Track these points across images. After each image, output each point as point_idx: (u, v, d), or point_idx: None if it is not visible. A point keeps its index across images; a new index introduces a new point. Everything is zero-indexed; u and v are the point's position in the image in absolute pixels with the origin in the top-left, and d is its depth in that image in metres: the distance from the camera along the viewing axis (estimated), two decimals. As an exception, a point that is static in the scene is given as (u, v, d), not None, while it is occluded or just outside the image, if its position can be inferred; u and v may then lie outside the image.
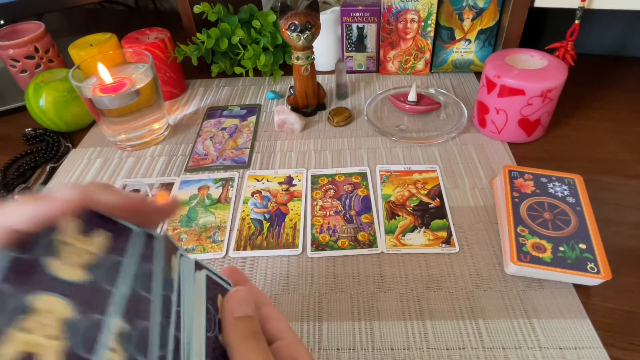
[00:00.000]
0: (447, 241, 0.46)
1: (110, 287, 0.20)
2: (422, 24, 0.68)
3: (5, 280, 0.16)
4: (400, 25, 0.69)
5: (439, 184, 0.53)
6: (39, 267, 0.18)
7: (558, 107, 0.57)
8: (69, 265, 0.19)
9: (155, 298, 0.21)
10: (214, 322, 0.23)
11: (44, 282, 0.18)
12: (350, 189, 0.53)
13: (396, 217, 0.49)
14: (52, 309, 0.17)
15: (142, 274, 0.21)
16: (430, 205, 0.50)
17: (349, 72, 0.76)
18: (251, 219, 0.50)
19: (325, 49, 0.74)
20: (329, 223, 0.49)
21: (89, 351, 0.17)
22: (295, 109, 0.66)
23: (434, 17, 0.67)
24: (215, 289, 0.24)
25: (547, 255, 0.40)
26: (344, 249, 0.46)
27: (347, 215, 0.50)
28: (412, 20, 0.68)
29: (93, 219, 0.21)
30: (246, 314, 0.23)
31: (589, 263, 0.39)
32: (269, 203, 0.52)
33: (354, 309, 0.40)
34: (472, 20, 0.67)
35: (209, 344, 0.21)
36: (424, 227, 0.47)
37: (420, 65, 0.73)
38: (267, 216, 0.50)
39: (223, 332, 0.22)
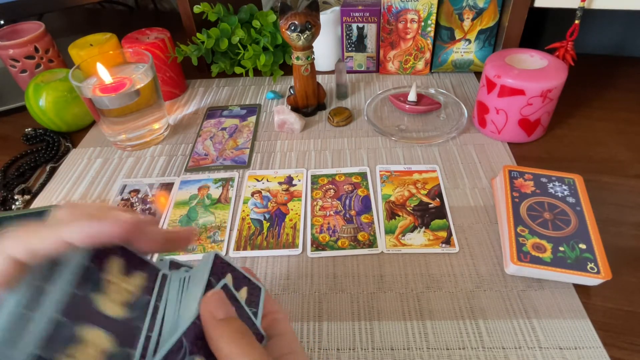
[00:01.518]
0: (447, 241, 0.46)
1: (140, 324, 0.22)
2: (422, 24, 0.68)
3: (63, 312, 0.19)
4: (400, 25, 0.69)
5: (439, 184, 0.53)
6: (89, 302, 0.20)
7: (558, 107, 0.57)
8: (111, 302, 0.21)
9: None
10: None
11: (92, 317, 0.20)
12: (350, 189, 0.53)
13: (396, 217, 0.49)
14: (95, 341, 0.20)
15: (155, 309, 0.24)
16: (430, 205, 0.50)
17: (349, 72, 0.76)
18: (251, 219, 0.50)
19: (325, 49, 0.74)
20: (329, 223, 0.49)
21: None
22: (295, 109, 0.66)
23: (434, 17, 0.67)
24: (224, 269, 0.25)
25: (547, 255, 0.40)
26: (344, 249, 0.46)
27: (347, 215, 0.50)
28: (412, 20, 0.68)
29: (133, 260, 0.24)
30: (228, 314, 0.22)
31: (589, 263, 0.39)
32: (269, 203, 0.52)
33: (354, 309, 0.40)
34: (472, 20, 0.67)
35: (193, 328, 0.21)
36: (424, 227, 0.47)
37: (420, 65, 0.73)
38: (267, 216, 0.50)
39: (207, 336, 0.22)
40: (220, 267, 0.24)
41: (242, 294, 0.25)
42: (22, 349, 0.18)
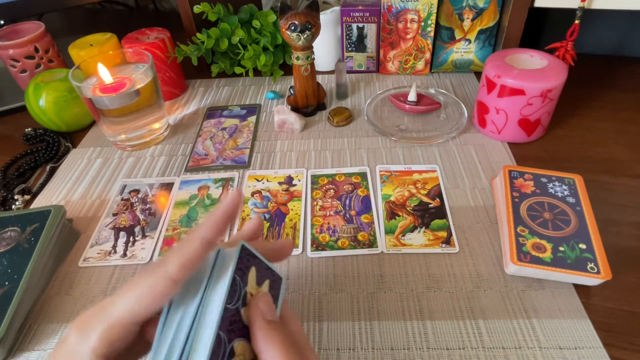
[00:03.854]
0: (447, 241, 0.46)
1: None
2: (422, 24, 0.68)
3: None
4: (400, 25, 0.69)
5: (439, 184, 0.53)
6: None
7: (558, 107, 0.57)
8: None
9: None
10: (239, 294, 0.23)
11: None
12: (350, 189, 0.53)
13: (396, 217, 0.49)
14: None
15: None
16: (430, 205, 0.50)
17: (349, 72, 0.76)
18: (251, 219, 0.50)
19: (325, 49, 0.74)
20: (329, 223, 0.49)
21: None
22: (295, 109, 0.66)
23: (434, 17, 0.67)
24: (249, 261, 0.25)
25: (547, 255, 0.40)
26: (344, 249, 0.46)
27: (347, 215, 0.50)
28: (412, 20, 0.68)
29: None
30: (274, 318, 0.23)
31: (589, 263, 0.39)
32: (269, 203, 0.52)
33: (354, 309, 0.40)
34: (472, 20, 0.67)
35: (226, 315, 0.22)
36: (424, 227, 0.47)
37: (420, 65, 0.73)
38: (267, 216, 0.50)
39: (254, 334, 0.23)
40: (245, 259, 0.24)
41: (264, 288, 0.25)
42: None
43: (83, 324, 0.21)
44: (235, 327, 0.22)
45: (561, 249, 0.40)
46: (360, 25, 0.70)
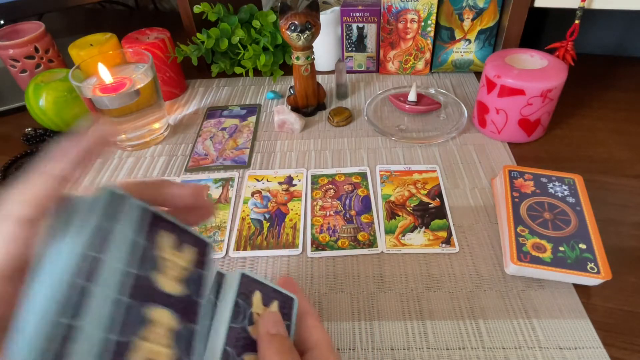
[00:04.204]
0: (447, 241, 0.46)
1: (198, 298, 0.22)
2: (422, 24, 0.68)
3: (129, 294, 0.18)
4: (400, 25, 0.69)
5: (439, 184, 0.53)
6: (151, 282, 0.20)
7: (558, 107, 0.57)
8: (170, 279, 0.21)
9: (206, 302, 0.23)
10: (243, 315, 0.24)
11: (155, 296, 0.20)
12: (350, 189, 0.53)
13: (396, 217, 0.49)
14: (162, 321, 0.19)
15: (211, 283, 0.24)
16: (430, 205, 0.50)
17: (349, 72, 0.76)
18: (251, 219, 0.50)
19: (325, 49, 0.74)
20: (329, 223, 0.49)
21: (189, 358, 0.20)
22: (295, 109, 0.66)
23: (434, 17, 0.67)
24: (251, 286, 0.25)
25: (547, 255, 0.40)
26: (344, 249, 0.46)
27: (347, 215, 0.50)
28: (412, 20, 0.68)
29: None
30: (279, 332, 0.24)
31: (589, 263, 0.39)
32: (269, 203, 0.52)
33: (353, 309, 0.40)
34: (472, 20, 0.67)
35: (232, 333, 0.23)
36: (424, 227, 0.47)
37: (420, 65, 0.73)
38: (267, 216, 0.50)
39: (258, 347, 0.23)
40: (247, 284, 0.25)
41: (272, 308, 0.26)
42: (90, 332, 0.17)
43: None
44: (242, 342, 0.23)
45: (561, 249, 0.40)
46: (360, 25, 0.70)
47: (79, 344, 0.16)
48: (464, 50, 0.70)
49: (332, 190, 0.53)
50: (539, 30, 0.78)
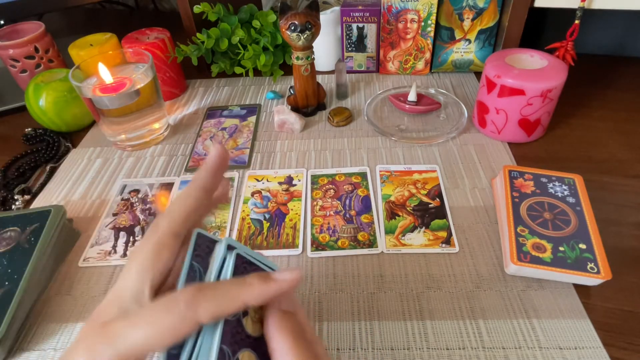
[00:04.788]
0: (447, 241, 0.46)
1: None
2: (422, 24, 0.68)
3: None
4: (400, 25, 0.69)
5: (439, 184, 0.53)
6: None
7: (558, 107, 0.57)
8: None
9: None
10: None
11: (244, 341, 0.22)
12: (350, 189, 0.53)
13: (396, 217, 0.49)
14: None
15: None
16: (430, 205, 0.50)
17: (349, 72, 0.76)
18: (251, 219, 0.50)
19: (325, 49, 0.74)
20: (329, 223, 0.49)
21: None
22: (295, 109, 0.66)
23: (434, 17, 0.67)
24: (246, 270, 0.25)
25: (547, 255, 0.40)
26: (344, 249, 0.46)
27: (347, 215, 0.50)
28: (412, 20, 0.68)
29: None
30: (290, 308, 0.24)
31: (589, 263, 0.39)
32: (269, 203, 0.52)
33: (354, 309, 0.40)
34: (472, 20, 0.67)
35: (227, 329, 0.22)
36: (424, 227, 0.47)
37: (420, 65, 0.73)
38: (267, 216, 0.50)
39: (266, 322, 0.23)
40: (242, 268, 0.25)
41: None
42: None
43: (92, 348, 0.20)
44: (238, 338, 0.22)
45: (561, 249, 0.40)
46: (360, 25, 0.70)
47: None
48: (464, 50, 0.70)
49: (332, 190, 0.53)
50: (539, 30, 0.78)
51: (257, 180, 0.55)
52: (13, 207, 0.55)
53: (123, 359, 0.20)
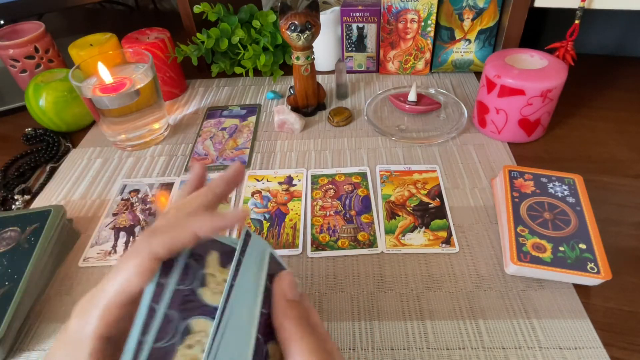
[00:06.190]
0: (447, 241, 0.46)
1: (225, 305, 0.24)
2: (422, 24, 0.68)
3: (177, 309, 0.22)
4: (400, 25, 0.69)
5: (439, 184, 0.53)
6: (195, 296, 0.23)
7: (558, 107, 0.57)
8: (212, 292, 0.23)
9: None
10: (270, 301, 0.24)
11: (199, 308, 0.22)
12: (350, 189, 0.53)
13: (396, 217, 0.49)
14: (203, 329, 0.22)
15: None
16: (430, 205, 0.50)
17: (349, 72, 0.76)
18: (251, 219, 0.50)
19: (325, 49, 0.74)
20: (329, 223, 0.49)
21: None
22: (295, 109, 0.66)
23: (434, 17, 0.67)
24: (274, 268, 0.26)
25: (547, 255, 0.40)
26: (344, 249, 0.46)
27: (347, 215, 0.50)
28: (412, 20, 0.68)
29: (227, 252, 0.25)
30: (296, 297, 0.24)
31: (589, 263, 0.39)
32: (269, 203, 0.52)
33: (353, 309, 0.40)
34: (472, 20, 0.67)
35: (262, 320, 0.23)
36: (424, 227, 0.47)
37: (420, 65, 0.73)
38: (267, 216, 0.50)
39: (274, 312, 0.24)
40: (274, 266, 0.25)
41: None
42: (148, 342, 0.20)
43: (81, 311, 0.22)
44: (267, 330, 0.23)
45: (561, 249, 0.40)
46: (360, 25, 0.70)
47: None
48: (464, 50, 0.70)
49: (332, 190, 0.53)
50: (539, 30, 0.78)
51: (257, 180, 0.55)
52: (13, 207, 0.55)
53: (109, 309, 0.21)
